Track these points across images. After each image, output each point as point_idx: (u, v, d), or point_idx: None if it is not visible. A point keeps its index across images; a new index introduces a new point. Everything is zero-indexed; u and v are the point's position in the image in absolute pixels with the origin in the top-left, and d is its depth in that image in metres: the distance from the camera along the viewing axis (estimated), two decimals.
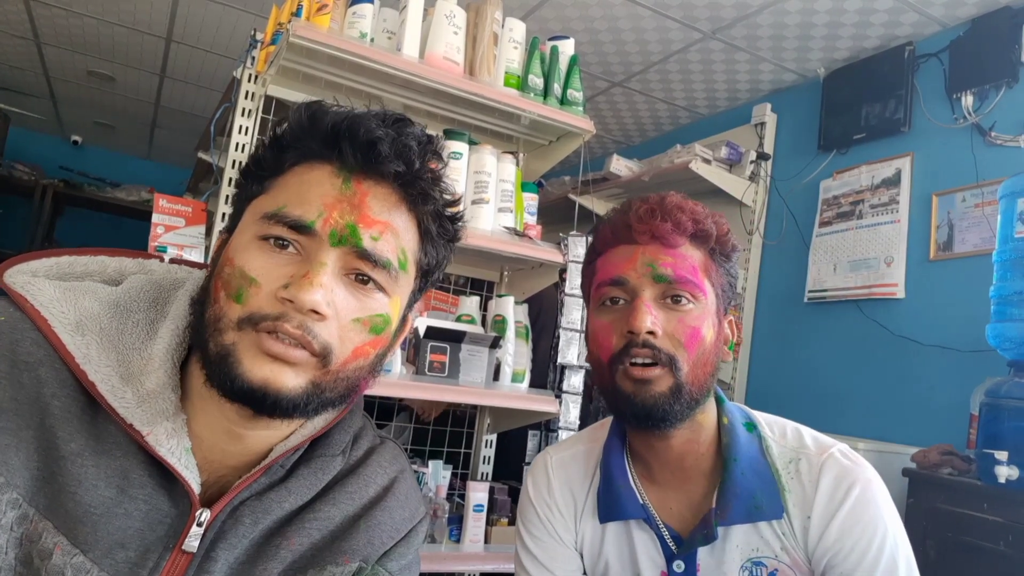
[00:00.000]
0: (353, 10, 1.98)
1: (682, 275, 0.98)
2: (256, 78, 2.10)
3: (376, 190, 0.74)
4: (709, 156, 3.37)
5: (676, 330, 0.97)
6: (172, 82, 4.54)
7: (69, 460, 0.66)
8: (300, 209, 0.70)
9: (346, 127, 0.72)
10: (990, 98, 2.65)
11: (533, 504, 1.16)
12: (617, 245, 1.03)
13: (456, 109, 2.26)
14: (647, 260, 0.99)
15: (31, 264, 0.76)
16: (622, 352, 0.97)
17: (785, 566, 0.98)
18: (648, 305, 0.97)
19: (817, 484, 0.98)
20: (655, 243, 1.00)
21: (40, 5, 3.63)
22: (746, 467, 1.00)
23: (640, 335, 0.95)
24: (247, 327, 0.67)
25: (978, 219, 2.59)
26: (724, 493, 0.99)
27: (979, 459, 1.91)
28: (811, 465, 1.00)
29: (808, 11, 2.85)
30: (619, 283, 1.00)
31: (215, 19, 3.58)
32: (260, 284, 0.68)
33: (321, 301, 0.67)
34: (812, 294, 3.14)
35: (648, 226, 1.00)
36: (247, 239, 0.71)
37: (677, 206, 1.01)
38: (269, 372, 0.67)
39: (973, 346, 2.45)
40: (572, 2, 3.01)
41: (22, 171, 5.45)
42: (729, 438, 1.03)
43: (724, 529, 0.98)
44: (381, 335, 0.75)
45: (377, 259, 0.72)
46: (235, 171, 2.05)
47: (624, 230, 1.02)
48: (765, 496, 0.98)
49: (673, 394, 0.95)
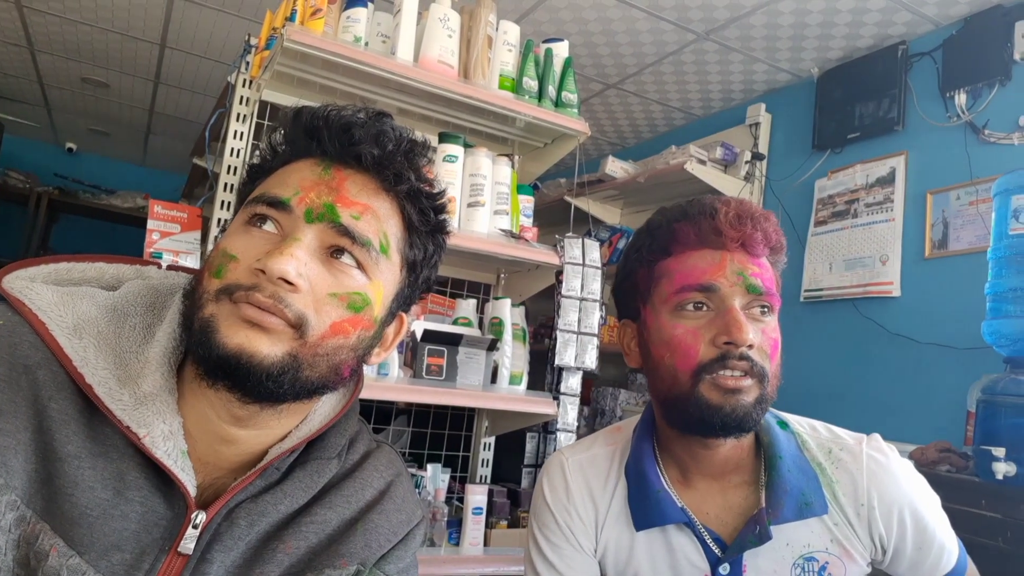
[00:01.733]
0: (347, 14, 1.98)
1: (769, 287, 0.97)
2: (251, 83, 2.10)
3: (355, 177, 0.76)
4: (704, 157, 3.38)
5: (763, 342, 0.96)
6: (167, 88, 4.54)
7: (66, 462, 0.66)
8: (279, 189, 0.74)
9: (325, 118, 0.76)
10: (983, 96, 2.66)
11: (550, 508, 1.11)
12: (701, 248, 1.00)
13: (451, 112, 2.26)
14: (737, 268, 0.97)
15: (29, 270, 0.76)
16: (715, 362, 0.94)
17: (835, 558, 0.99)
18: (745, 318, 0.95)
19: (864, 470, 1.00)
20: (742, 251, 0.98)
21: (33, 12, 3.63)
22: (791, 464, 1.01)
23: (742, 348, 0.93)
24: (223, 297, 0.69)
25: (972, 217, 2.59)
26: (774, 491, 0.98)
27: (977, 456, 1.91)
28: (854, 455, 1.02)
29: (801, 11, 2.86)
30: (708, 289, 0.97)
31: (209, 25, 3.58)
32: (239, 259, 0.71)
33: (290, 270, 0.68)
34: (808, 293, 3.15)
35: (740, 232, 0.97)
36: (233, 228, 0.75)
37: (763, 215, 1.00)
38: (244, 338, 0.68)
39: (969, 343, 2.46)
40: (566, 4, 3.01)
41: (17, 179, 5.44)
42: (770, 437, 1.03)
43: (776, 528, 0.98)
44: (360, 314, 0.75)
45: (357, 236, 0.73)
46: (230, 176, 2.05)
47: (712, 233, 0.98)
48: (811, 491, 0.99)
49: (759, 404, 0.95)
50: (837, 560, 0.99)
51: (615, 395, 3.61)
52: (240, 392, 0.70)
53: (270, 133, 0.80)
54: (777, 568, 0.99)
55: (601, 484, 1.11)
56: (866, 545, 1.00)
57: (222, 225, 2.01)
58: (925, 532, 0.99)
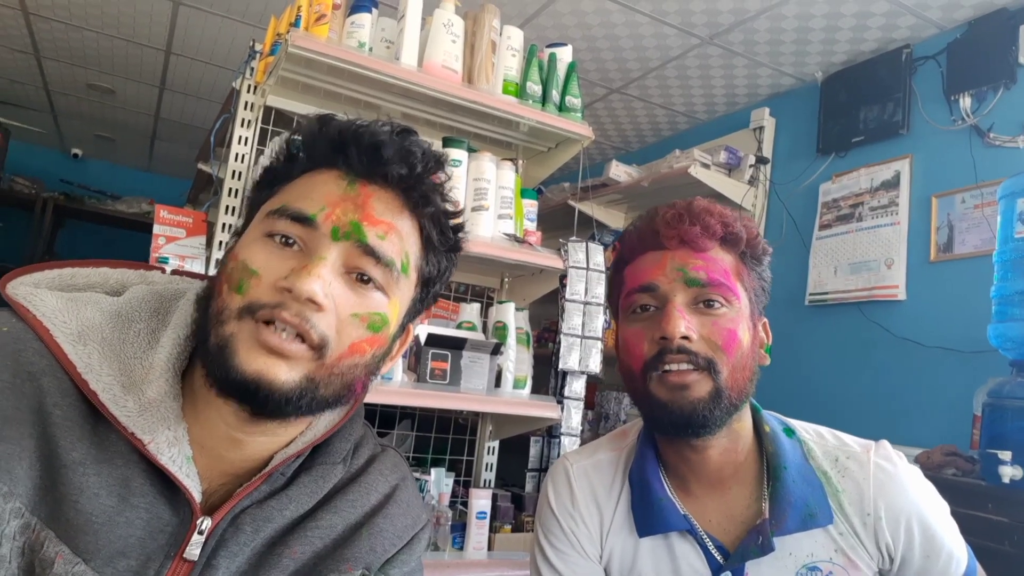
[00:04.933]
0: (351, 20, 1.99)
1: (715, 278, 0.96)
2: (255, 89, 2.11)
3: (380, 194, 0.76)
4: (708, 161, 3.37)
5: (712, 333, 0.95)
6: (172, 94, 4.56)
7: (71, 469, 0.66)
8: (303, 203, 0.73)
9: (352, 133, 0.75)
10: (988, 99, 2.66)
11: (555, 514, 1.10)
12: (645, 252, 1.01)
13: (455, 117, 2.27)
14: (677, 265, 0.97)
15: (33, 276, 0.77)
16: (655, 359, 0.95)
17: (839, 568, 0.98)
18: (680, 310, 0.95)
19: (871, 479, 0.99)
20: (684, 248, 0.98)
21: (40, 19, 3.65)
22: (795, 474, 0.99)
23: (674, 341, 0.93)
24: (246, 316, 0.68)
25: (978, 220, 2.59)
26: (778, 502, 0.97)
27: (983, 459, 1.91)
28: (860, 463, 1.01)
29: (805, 15, 2.86)
30: (649, 289, 0.98)
31: (214, 31, 3.59)
32: (261, 275, 0.70)
33: (318, 291, 0.68)
34: (813, 297, 3.14)
35: (676, 230, 0.98)
36: (252, 237, 0.74)
37: (705, 209, 1.00)
38: (263, 365, 0.68)
39: (975, 347, 2.45)
40: (570, 10, 3.02)
41: (22, 185, 5.46)
42: (775, 446, 1.02)
43: (779, 539, 0.97)
44: (379, 334, 0.75)
45: (381, 256, 0.73)
46: (235, 181, 2.05)
47: (651, 236, 1.00)
48: (816, 502, 0.98)
49: (713, 399, 0.94)
50: (841, 570, 0.98)
51: (619, 399, 3.61)
52: (251, 408, 0.70)
53: (287, 138, 0.80)
54: None
55: (606, 490, 1.10)
56: (872, 555, 0.98)
57: (233, 230, 2.01)
58: (933, 541, 0.98)
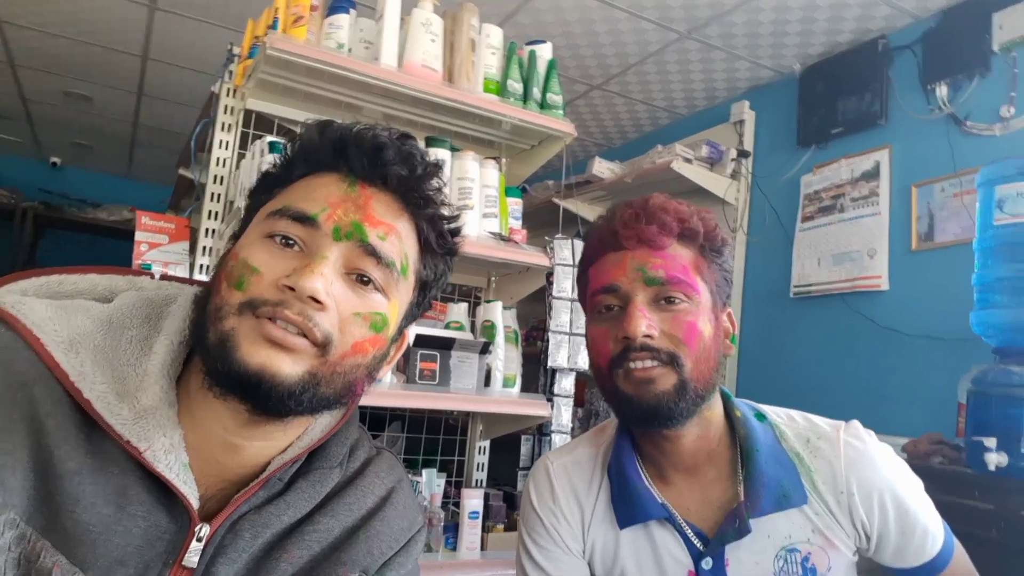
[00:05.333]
0: (329, 21, 1.98)
1: (674, 275, 0.98)
2: (235, 92, 2.10)
3: (380, 196, 0.77)
4: (690, 155, 3.39)
5: (673, 328, 0.97)
6: (150, 100, 4.52)
7: (66, 479, 0.66)
8: (304, 204, 0.73)
9: (354, 136, 0.77)
10: (964, 88, 2.68)
11: (537, 512, 1.12)
12: (606, 253, 1.04)
13: (437, 116, 2.27)
14: (636, 264, 0.99)
15: (20, 284, 0.76)
16: (620, 357, 0.98)
17: (818, 548, 1.00)
18: (642, 309, 0.97)
19: (842, 457, 1.01)
20: (643, 247, 1.00)
21: (12, 27, 3.60)
22: (768, 456, 1.02)
23: (636, 340, 0.95)
24: (246, 312, 0.68)
25: (957, 208, 2.61)
26: (752, 484, 0.99)
27: (968, 447, 1.92)
28: (831, 442, 1.03)
29: (782, 7, 2.88)
30: (611, 290, 1.01)
31: (191, 35, 3.57)
32: (262, 273, 0.70)
33: (320, 289, 0.68)
34: (797, 289, 3.16)
35: (634, 231, 1.00)
36: (253, 238, 0.74)
37: (661, 207, 1.02)
38: (266, 357, 0.67)
39: (958, 335, 2.47)
40: (548, 6, 3.02)
41: (1, 195, 5.40)
42: (746, 430, 1.04)
43: (755, 521, 0.98)
44: (380, 334, 0.76)
45: (382, 256, 0.74)
46: (217, 186, 2.04)
47: (611, 237, 1.03)
48: (789, 483, 1.00)
49: (678, 391, 0.96)
50: (819, 550, 1.00)
51: None
52: (252, 404, 0.69)
53: (288, 143, 0.81)
54: (759, 560, 1.00)
55: (586, 485, 1.12)
56: (849, 533, 1.01)
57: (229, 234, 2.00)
58: (907, 515, 1.00)
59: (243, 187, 1.92)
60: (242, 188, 1.93)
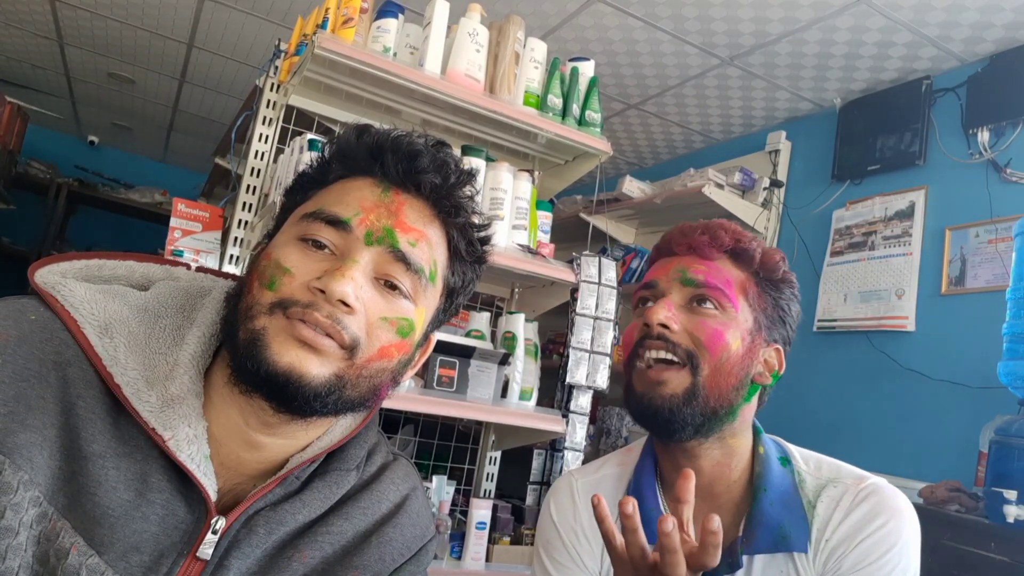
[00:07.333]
0: (378, 24, 2.00)
1: (711, 282, 1.00)
2: (278, 87, 2.12)
3: (413, 202, 0.77)
4: (722, 181, 3.37)
5: (696, 328, 0.98)
6: (191, 87, 4.58)
7: (91, 461, 0.66)
8: (338, 207, 0.74)
9: (391, 141, 0.77)
10: (1006, 135, 2.66)
11: (557, 528, 1.12)
12: (659, 258, 1.09)
13: (475, 126, 2.27)
14: (679, 267, 1.03)
15: (61, 265, 0.77)
16: (637, 345, 0.99)
17: None
18: (669, 304, 0.99)
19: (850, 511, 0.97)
20: (691, 254, 1.04)
21: (65, 6, 3.67)
22: (775, 498, 1.00)
23: (653, 327, 0.97)
24: (277, 311, 0.69)
25: (991, 255, 2.58)
26: (751, 522, 0.98)
27: (987, 497, 1.90)
28: (843, 490, 1.00)
29: (827, 42, 2.87)
30: (649, 286, 1.04)
31: (237, 26, 3.61)
32: (294, 274, 0.71)
33: (350, 292, 0.69)
34: (821, 323, 3.14)
35: (687, 239, 1.04)
36: (286, 239, 0.75)
37: (720, 224, 1.05)
38: (295, 357, 0.68)
39: (983, 382, 2.44)
40: (592, 23, 3.03)
41: (38, 169, 5.48)
42: (762, 468, 1.03)
43: (748, 559, 0.97)
44: (406, 339, 0.76)
45: (412, 262, 0.75)
46: (254, 178, 2.06)
47: (666, 245, 1.08)
48: (794, 528, 0.97)
49: (687, 397, 0.95)
50: None
51: (621, 415, 3.60)
52: (277, 403, 0.70)
53: (326, 145, 0.82)
54: None
55: (611, 505, 1.11)
56: None
57: (264, 231, 2.01)
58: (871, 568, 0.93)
59: (279, 181, 1.94)
60: (278, 182, 1.95)
